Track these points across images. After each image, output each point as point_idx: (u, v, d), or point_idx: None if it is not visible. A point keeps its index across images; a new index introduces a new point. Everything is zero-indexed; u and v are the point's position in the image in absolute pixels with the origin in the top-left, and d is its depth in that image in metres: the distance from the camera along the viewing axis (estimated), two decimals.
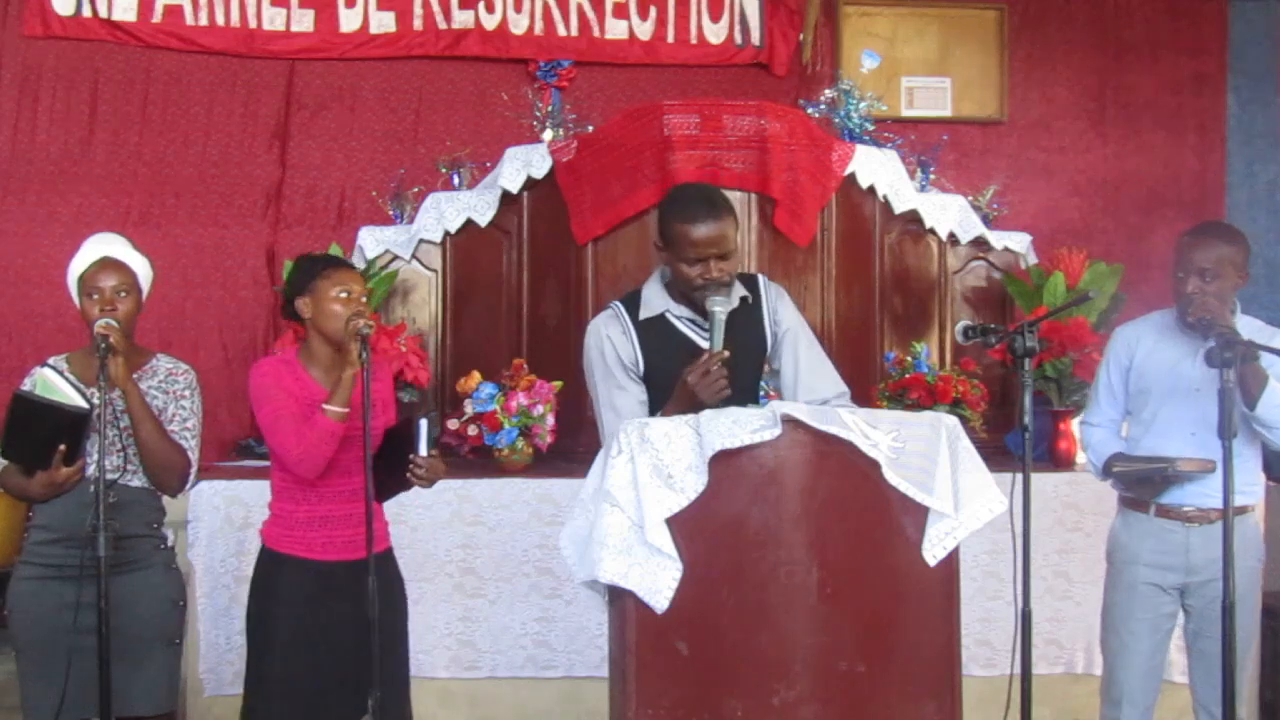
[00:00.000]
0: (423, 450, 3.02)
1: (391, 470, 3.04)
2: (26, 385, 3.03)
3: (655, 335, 2.96)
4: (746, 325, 3.00)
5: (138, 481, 3.11)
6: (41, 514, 3.12)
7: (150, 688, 3.11)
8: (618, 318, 3.00)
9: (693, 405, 2.69)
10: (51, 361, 3.14)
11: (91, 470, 2.97)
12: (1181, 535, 3.39)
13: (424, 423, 3.04)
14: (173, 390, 3.18)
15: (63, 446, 2.92)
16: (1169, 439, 3.40)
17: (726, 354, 2.78)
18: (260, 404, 3.10)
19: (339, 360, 3.09)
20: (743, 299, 3.01)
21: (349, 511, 3.08)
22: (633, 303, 3.02)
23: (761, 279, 3.11)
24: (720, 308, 2.84)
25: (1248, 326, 3.34)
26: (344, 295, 3.09)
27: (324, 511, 3.10)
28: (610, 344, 2.96)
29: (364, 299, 3.14)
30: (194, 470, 3.19)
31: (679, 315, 2.98)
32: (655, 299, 3.00)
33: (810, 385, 2.99)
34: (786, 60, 6.27)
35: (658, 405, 2.90)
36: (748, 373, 3.00)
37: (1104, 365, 3.61)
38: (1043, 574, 4.40)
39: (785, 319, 3.05)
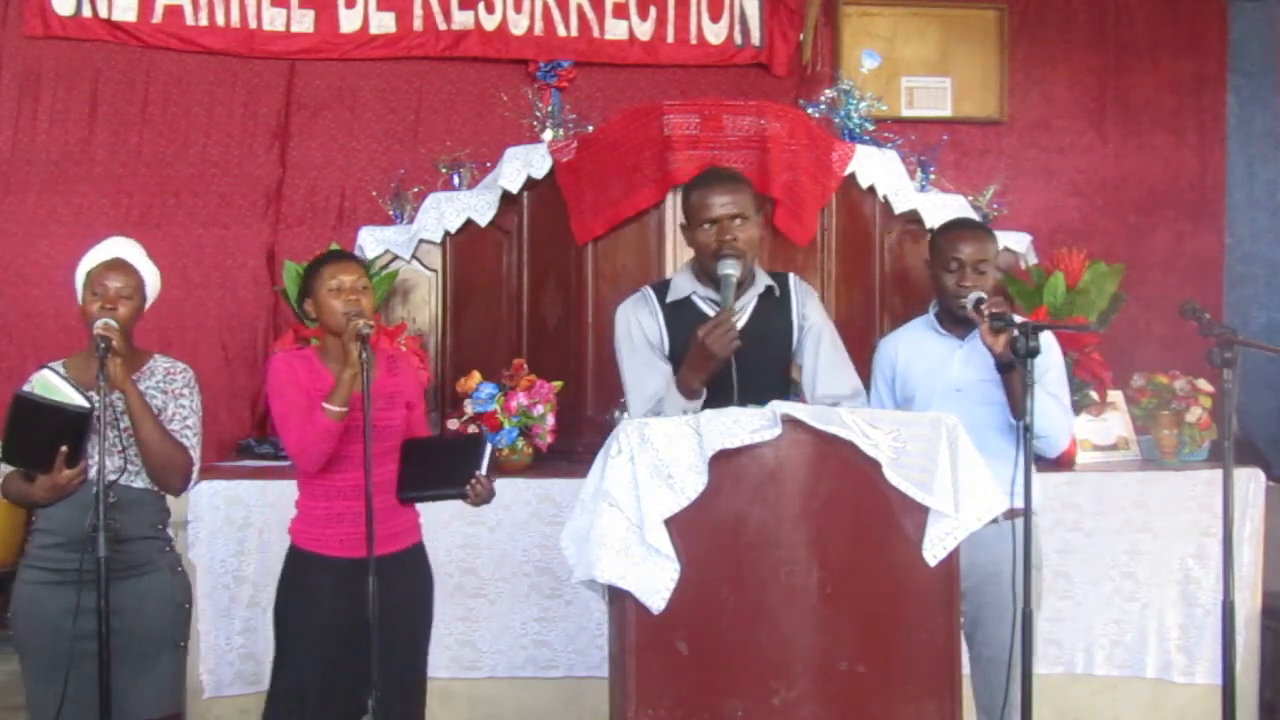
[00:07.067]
0: (483, 470, 3.04)
1: (432, 475, 3.05)
2: (27, 388, 3.03)
3: (681, 316, 3.07)
4: (774, 317, 3.11)
5: (140, 482, 3.10)
6: (44, 518, 3.10)
7: (157, 690, 3.10)
8: (646, 300, 3.14)
9: (706, 360, 2.82)
10: (50, 365, 3.13)
11: (94, 472, 2.95)
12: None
13: (490, 446, 3.10)
14: (171, 389, 3.18)
15: (64, 448, 2.91)
16: None
17: (736, 309, 2.93)
18: (273, 398, 3.15)
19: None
20: (769, 288, 3.11)
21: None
22: (662, 288, 3.16)
23: (793, 278, 3.22)
24: (731, 269, 2.94)
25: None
26: (336, 288, 3.10)
27: (343, 508, 3.10)
28: (637, 323, 3.09)
29: (364, 286, 3.14)
30: (196, 468, 3.19)
31: (704, 296, 3.09)
32: (683, 283, 3.13)
33: (826, 382, 3.09)
34: (786, 60, 6.27)
35: None
36: (774, 365, 3.09)
37: (872, 382, 3.54)
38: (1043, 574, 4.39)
39: (812, 316, 3.16)
